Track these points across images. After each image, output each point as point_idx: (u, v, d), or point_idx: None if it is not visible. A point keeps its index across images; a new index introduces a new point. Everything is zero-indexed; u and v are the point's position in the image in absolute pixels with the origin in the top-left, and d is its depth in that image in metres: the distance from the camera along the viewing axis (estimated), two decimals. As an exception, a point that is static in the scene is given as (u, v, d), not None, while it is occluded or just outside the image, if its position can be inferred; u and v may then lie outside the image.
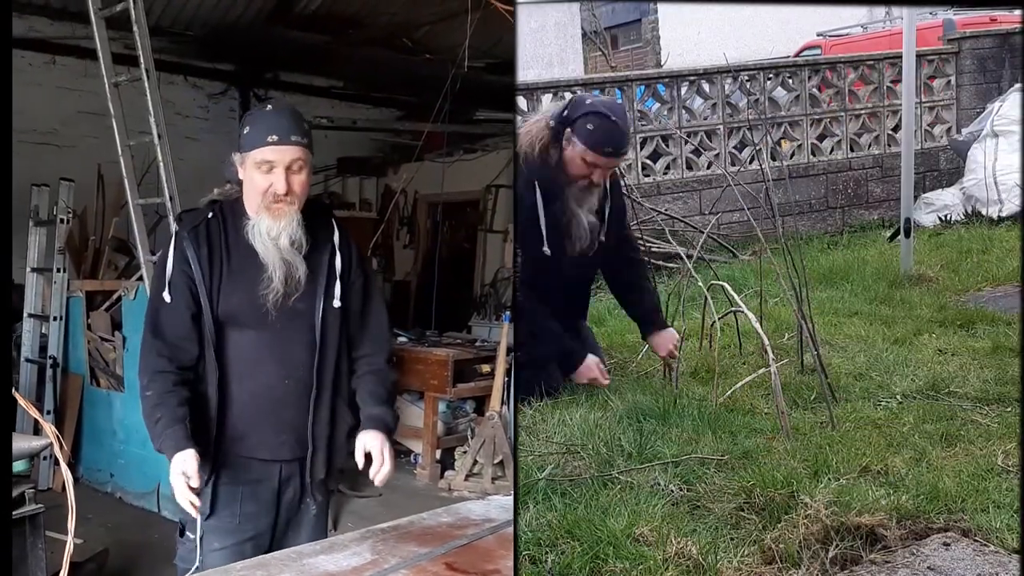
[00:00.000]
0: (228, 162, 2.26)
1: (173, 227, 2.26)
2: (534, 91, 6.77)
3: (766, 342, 3.26)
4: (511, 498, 2.56)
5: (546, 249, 3.36)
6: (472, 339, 6.44)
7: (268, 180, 2.16)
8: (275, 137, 2.15)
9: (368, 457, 2.23)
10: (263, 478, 2.24)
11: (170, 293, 2.17)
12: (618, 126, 3.33)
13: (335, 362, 2.28)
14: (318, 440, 2.27)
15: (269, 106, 2.28)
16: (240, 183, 2.25)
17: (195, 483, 2.05)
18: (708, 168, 7.10)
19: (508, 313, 5.96)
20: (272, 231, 2.17)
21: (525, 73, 8.59)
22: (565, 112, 3.36)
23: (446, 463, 5.58)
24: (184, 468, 2.04)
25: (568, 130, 3.33)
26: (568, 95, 6.84)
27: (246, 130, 2.20)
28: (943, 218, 7.18)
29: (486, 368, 5.61)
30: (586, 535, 2.39)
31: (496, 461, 5.19)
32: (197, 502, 2.07)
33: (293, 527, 2.30)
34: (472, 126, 7.96)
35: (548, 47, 10.15)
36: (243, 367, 2.21)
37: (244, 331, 2.20)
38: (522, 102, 6.69)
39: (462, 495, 5.01)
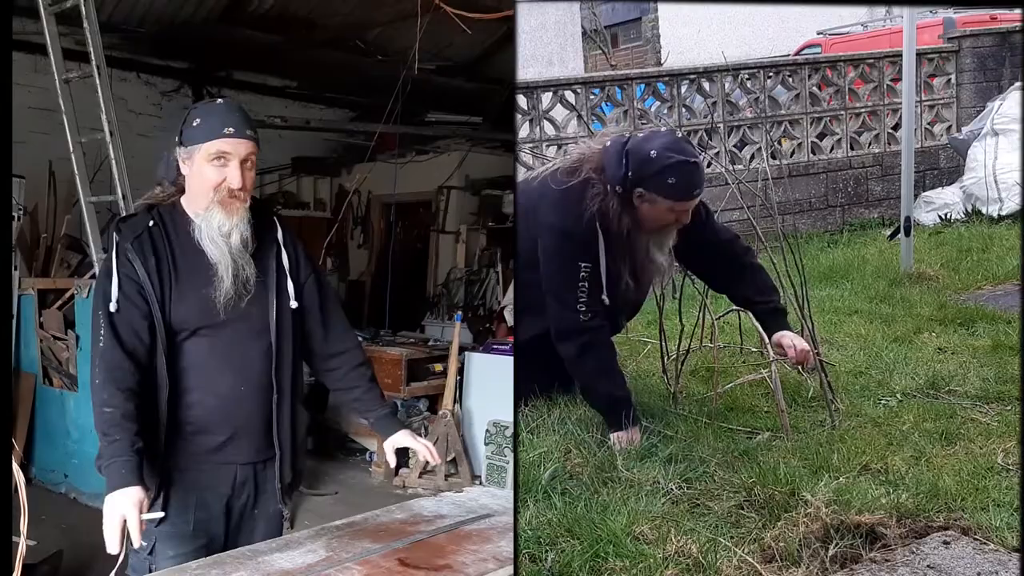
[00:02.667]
0: (164, 160, 2.16)
1: (114, 236, 2.12)
2: (534, 90, 6.77)
3: (766, 340, 3.26)
4: (463, 494, 2.58)
5: (605, 299, 3.06)
6: (425, 338, 6.51)
7: (222, 174, 2.07)
8: (231, 129, 2.07)
9: (403, 452, 2.26)
10: (216, 484, 2.17)
11: (118, 304, 2.05)
12: (698, 166, 3.01)
13: (292, 364, 2.22)
14: (284, 444, 2.22)
15: (219, 100, 2.20)
16: (175, 183, 2.16)
17: (134, 524, 1.88)
18: (708, 167, 7.10)
19: (459, 313, 6.01)
20: (224, 227, 2.08)
21: (525, 71, 8.59)
22: (630, 174, 2.97)
23: (400, 461, 5.58)
24: (127, 509, 1.88)
25: (640, 189, 2.98)
26: (569, 94, 6.85)
27: (196, 122, 2.09)
28: (943, 216, 7.19)
29: (439, 367, 5.66)
30: (586, 533, 2.40)
31: (449, 458, 5.25)
32: (134, 542, 1.90)
33: (246, 532, 2.22)
34: (423, 128, 8.00)
35: (548, 45, 10.15)
36: (197, 376, 2.12)
37: (197, 339, 2.12)
38: (522, 100, 6.70)
39: (416, 492, 5.07)
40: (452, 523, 2.25)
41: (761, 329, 3.29)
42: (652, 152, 2.95)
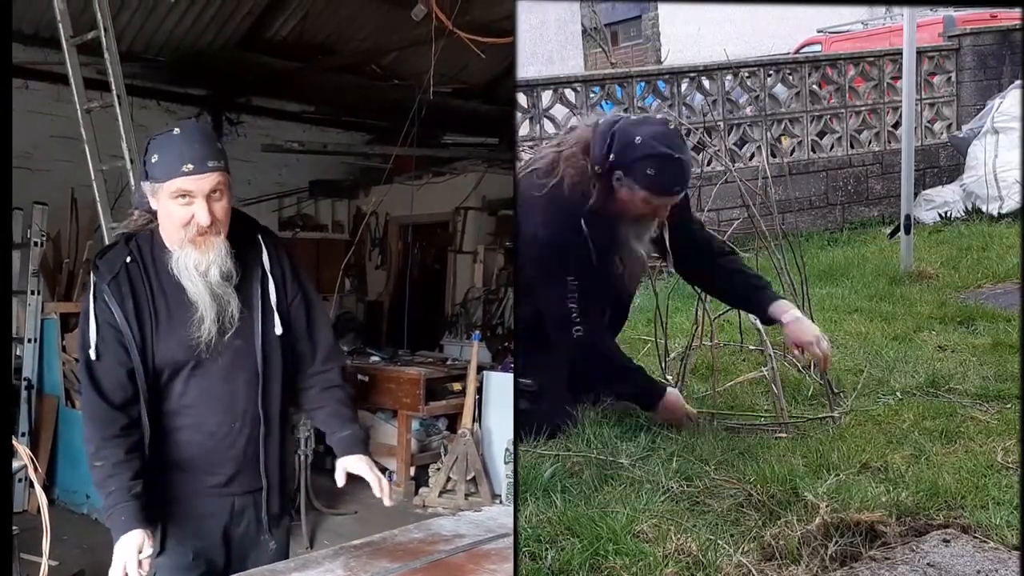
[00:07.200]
0: (137, 190, 2.09)
1: (92, 277, 2.04)
2: (534, 87, 6.77)
3: (764, 338, 3.26)
4: (482, 514, 2.57)
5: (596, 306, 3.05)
6: (444, 358, 6.51)
7: (188, 212, 1.97)
8: (191, 166, 1.95)
9: (348, 477, 2.17)
10: (215, 513, 2.14)
11: (97, 351, 1.99)
12: (682, 162, 2.89)
13: (280, 392, 2.17)
14: (271, 475, 2.17)
15: (176, 129, 2.02)
16: (151, 211, 2.06)
17: (132, 568, 1.93)
18: (708, 165, 7.09)
19: (478, 333, 6.01)
20: (200, 265, 1.99)
21: (525, 70, 8.59)
22: (611, 156, 2.88)
23: (420, 480, 5.62)
24: (127, 555, 1.93)
25: (619, 173, 2.89)
26: (569, 92, 6.85)
27: (155, 158, 1.97)
28: (943, 215, 7.18)
29: (457, 386, 5.65)
30: (586, 531, 2.40)
31: (469, 477, 5.24)
32: None
33: (251, 561, 2.20)
34: (440, 149, 8.08)
35: (548, 43, 10.15)
36: (187, 414, 2.08)
37: (185, 379, 2.06)
38: (522, 99, 6.69)
39: (436, 511, 5.03)
40: (471, 542, 2.23)
41: (763, 317, 3.21)
42: (637, 138, 2.86)
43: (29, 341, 5.34)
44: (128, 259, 2.04)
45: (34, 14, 5.61)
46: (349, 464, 2.18)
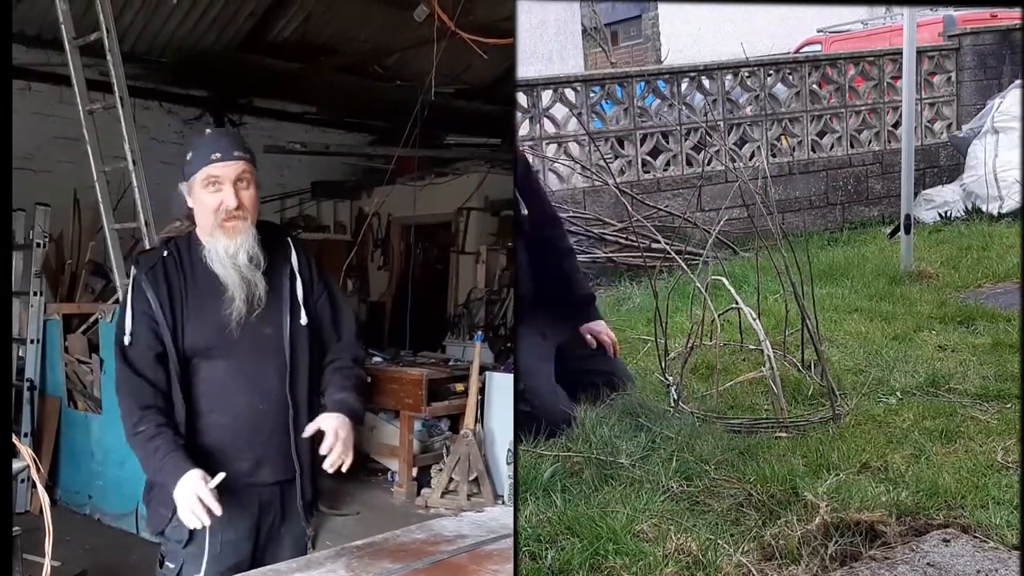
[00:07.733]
0: (175, 196, 2.27)
1: (132, 270, 2.24)
2: (534, 87, 6.77)
3: (762, 338, 3.26)
4: (484, 514, 2.57)
5: None
6: (446, 358, 6.51)
7: (218, 198, 2.17)
8: (218, 155, 2.17)
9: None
10: (243, 504, 2.20)
11: (132, 336, 2.16)
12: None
13: (307, 381, 2.27)
14: (303, 462, 2.26)
15: (208, 130, 2.31)
16: (190, 216, 2.26)
17: (209, 499, 2.01)
18: (708, 164, 7.10)
19: (480, 333, 6.01)
20: (229, 249, 2.17)
21: (525, 69, 8.57)
22: None
23: (422, 481, 5.62)
24: (196, 487, 2.02)
25: None
26: (569, 92, 6.86)
27: (189, 155, 2.21)
28: (943, 214, 7.19)
29: (460, 387, 5.65)
30: (586, 531, 2.40)
31: (471, 478, 5.24)
32: (216, 510, 2.02)
33: (272, 551, 2.26)
34: (443, 150, 8.12)
35: (548, 43, 10.13)
36: (215, 398, 2.19)
37: (214, 362, 2.19)
38: (522, 98, 6.69)
39: (438, 512, 5.02)
40: (473, 543, 2.23)
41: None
42: None
43: (32, 342, 5.35)
44: (165, 253, 2.23)
45: (37, 16, 5.62)
46: (322, 420, 2.20)
